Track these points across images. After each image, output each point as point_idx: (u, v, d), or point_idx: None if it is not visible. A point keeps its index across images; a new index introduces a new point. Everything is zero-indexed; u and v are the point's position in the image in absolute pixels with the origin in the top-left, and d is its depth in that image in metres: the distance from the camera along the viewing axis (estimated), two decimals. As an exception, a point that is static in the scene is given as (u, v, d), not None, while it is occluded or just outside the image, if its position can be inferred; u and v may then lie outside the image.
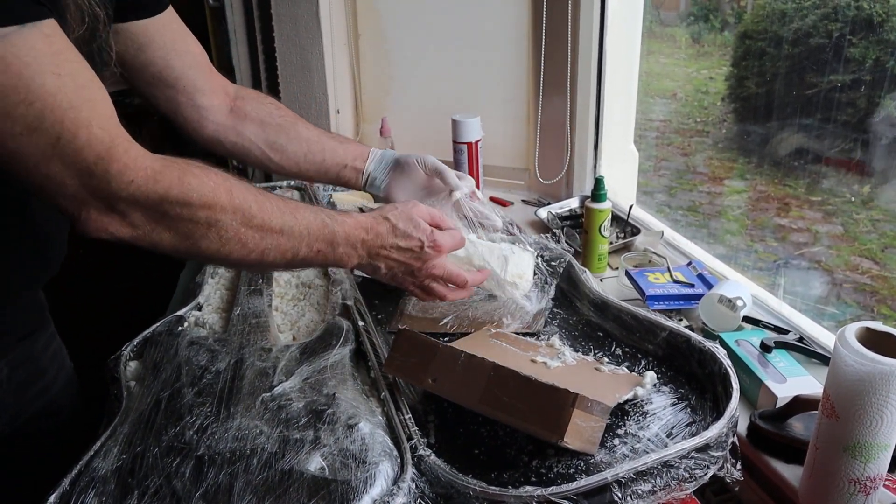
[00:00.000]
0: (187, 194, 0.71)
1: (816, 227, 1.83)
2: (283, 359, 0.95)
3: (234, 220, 0.75)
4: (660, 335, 0.98)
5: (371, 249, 0.88)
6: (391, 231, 0.89)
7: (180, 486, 0.74)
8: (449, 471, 0.74)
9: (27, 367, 0.95)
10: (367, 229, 0.87)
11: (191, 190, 0.72)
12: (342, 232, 0.84)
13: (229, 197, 0.74)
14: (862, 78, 1.40)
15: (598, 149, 1.68)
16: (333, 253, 0.84)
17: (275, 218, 0.78)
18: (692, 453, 0.77)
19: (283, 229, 0.79)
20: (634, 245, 1.48)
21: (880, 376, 0.70)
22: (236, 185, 0.76)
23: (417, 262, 0.91)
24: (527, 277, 1.07)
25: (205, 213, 0.73)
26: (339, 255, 0.85)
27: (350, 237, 0.85)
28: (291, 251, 0.80)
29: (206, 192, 0.73)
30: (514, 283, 1.05)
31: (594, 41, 1.57)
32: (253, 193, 0.77)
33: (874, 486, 0.77)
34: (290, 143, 1.10)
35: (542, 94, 1.66)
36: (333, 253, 0.84)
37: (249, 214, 0.76)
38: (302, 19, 1.79)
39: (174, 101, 1.03)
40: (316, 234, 0.82)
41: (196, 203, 0.72)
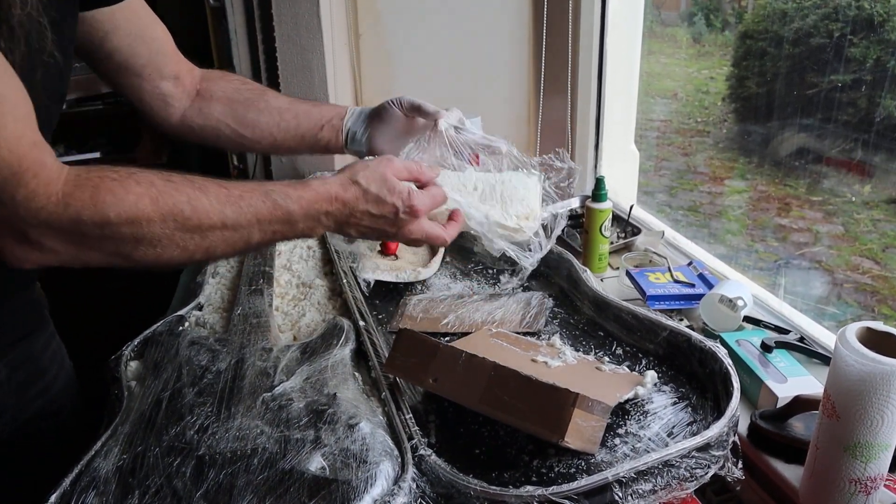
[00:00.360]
0: (104, 213, 0.66)
1: (817, 226, 1.83)
2: (284, 359, 0.95)
3: (165, 228, 0.69)
4: (660, 334, 0.98)
5: (338, 219, 0.82)
6: (361, 197, 0.82)
7: (181, 486, 0.74)
8: (450, 470, 0.74)
9: (27, 367, 0.95)
10: (330, 199, 0.80)
11: (107, 208, 0.66)
12: (299, 209, 0.78)
13: (155, 205, 0.69)
14: (863, 78, 1.40)
15: (598, 149, 1.68)
16: (293, 230, 0.79)
17: (214, 214, 0.72)
18: (693, 453, 0.77)
19: (227, 223, 0.74)
20: (635, 245, 1.48)
21: (881, 376, 0.70)
22: (164, 189, 0.70)
23: (392, 228, 0.85)
24: (534, 214, 0.96)
25: (128, 229, 0.68)
26: (301, 230, 0.80)
27: (310, 211, 0.79)
28: (242, 241, 0.76)
29: (126, 207, 0.67)
30: (519, 228, 0.94)
31: (595, 41, 1.57)
32: (186, 193, 0.71)
33: (875, 486, 0.77)
34: (260, 116, 1.04)
35: (542, 94, 1.66)
36: (293, 230, 0.79)
37: (183, 218, 0.70)
38: (302, 19, 1.79)
39: (140, 89, 0.99)
40: (267, 218, 0.77)
41: (115, 221, 0.67)
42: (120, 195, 0.67)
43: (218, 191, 0.74)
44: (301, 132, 1.06)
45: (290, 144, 1.06)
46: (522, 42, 1.69)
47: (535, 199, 0.97)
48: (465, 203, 0.93)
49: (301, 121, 1.05)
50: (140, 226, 0.68)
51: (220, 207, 0.73)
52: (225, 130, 1.04)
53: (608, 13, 1.55)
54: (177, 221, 0.70)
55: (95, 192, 0.66)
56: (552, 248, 1.24)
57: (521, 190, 0.97)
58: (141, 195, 0.68)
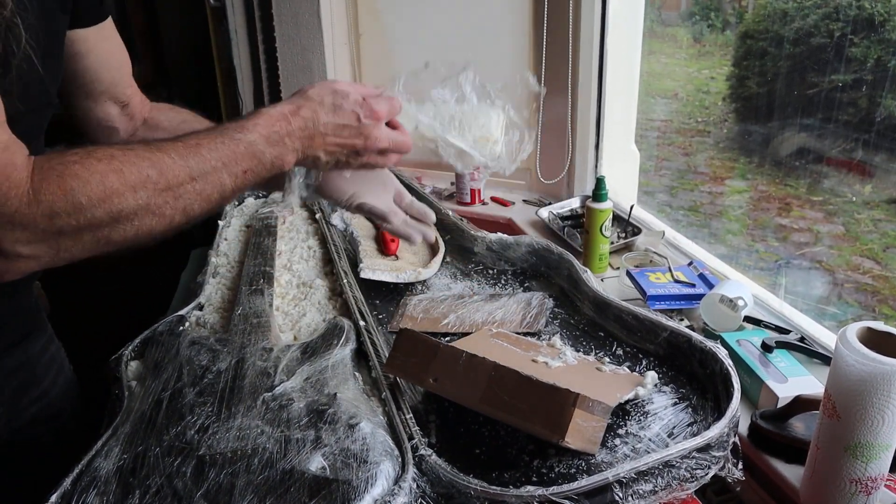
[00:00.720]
0: (75, 200, 0.64)
1: (818, 226, 1.83)
2: (284, 358, 0.95)
3: (138, 198, 0.67)
4: (661, 335, 0.98)
5: (304, 138, 0.78)
6: (318, 108, 0.78)
7: (181, 486, 0.74)
8: (450, 470, 0.74)
9: (22, 373, 0.93)
10: (286, 117, 0.76)
11: (76, 193, 0.64)
12: (259, 137, 0.74)
13: (121, 178, 0.66)
14: (863, 77, 1.40)
15: (599, 149, 1.68)
16: (262, 163, 0.75)
17: (179, 169, 0.69)
18: (693, 453, 0.77)
19: (194, 175, 0.70)
20: (635, 245, 1.48)
21: (882, 376, 0.70)
22: (125, 159, 0.67)
23: (359, 140, 0.80)
24: (493, 138, 0.97)
25: (102, 211, 0.65)
26: (270, 161, 0.75)
27: (272, 136, 0.75)
28: (216, 190, 0.72)
29: (94, 187, 0.64)
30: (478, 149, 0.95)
31: (595, 41, 1.57)
32: (147, 157, 0.68)
33: (875, 486, 0.77)
34: None
35: (543, 94, 1.66)
36: (262, 163, 0.75)
37: (151, 183, 0.68)
38: (303, 19, 1.79)
39: (89, 111, 0.98)
40: (232, 158, 0.73)
41: (87, 205, 0.64)
42: (85, 177, 0.64)
43: (175, 145, 0.71)
44: None
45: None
46: (523, 42, 1.69)
47: (495, 126, 0.98)
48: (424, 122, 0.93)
49: None
50: (112, 202, 0.65)
51: (182, 161, 0.70)
52: None
53: (609, 13, 1.55)
54: (146, 188, 0.67)
55: (61, 179, 0.64)
56: (552, 248, 1.24)
57: (482, 118, 0.97)
58: (105, 172, 0.65)
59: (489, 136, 0.96)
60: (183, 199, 0.70)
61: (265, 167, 0.76)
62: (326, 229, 1.43)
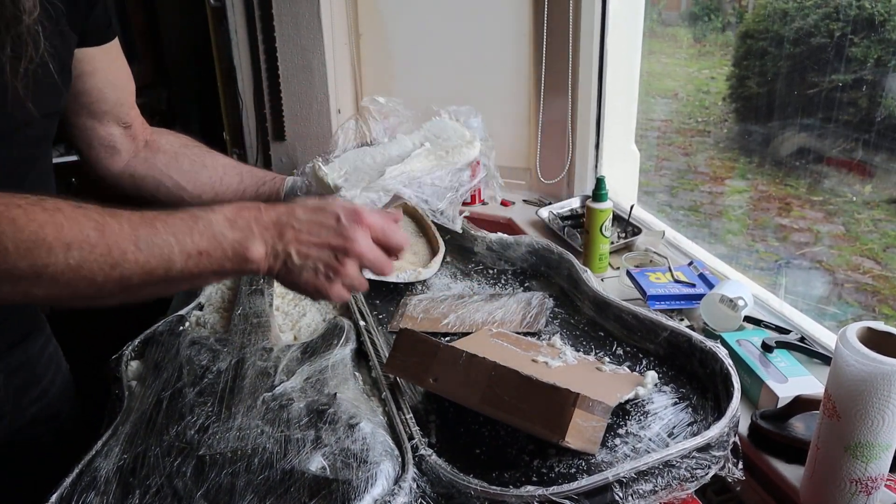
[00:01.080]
0: (1, 245, 0.59)
1: (818, 226, 1.83)
2: (285, 358, 0.95)
3: (69, 257, 0.61)
4: (661, 335, 0.98)
5: (274, 228, 0.70)
6: (298, 206, 0.72)
7: (182, 486, 0.74)
8: (450, 470, 0.74)
9: (23, 372, 0.94)
10: (259, 207, 0.71)
11: (4, 238, 0.59)
12: (222, 218, 0.68)
13: (57, 232, 0.61)
14: (863, 77, 1.40)
15: (599, 148, 1.68)
16: (221, 247, 0.67)
17: (124, 238, 0.64)
18: (693, 453, 0.77)
19: (140, 245, 0.64)
20: (636, 245, 1.48)
21: (882, 376, 0.70)
22: (71, 214, 0.63)
23: (338, 240, 0.72)
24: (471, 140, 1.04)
25: (26, 262, 0.60)
26: (231, 246, 0.68)
27: (237, 220, 0.68)
28: (163, 266, 0.65)
29: (25, 236, 0.60)
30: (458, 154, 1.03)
31: (595, 41, 1.57)
32: (94, 219, 0.63)
33: (876, 486, 0.77)
34: (203, 170, 1.03)
35: (543, 94, 1.66)
36: (221, 247, 0.67)
37: (89, 245, 0.62)
38: (303, 19, 1.79)
39: (92, 132, 0.97)
40: (186, 233, 0.66)
41: (13, 252, 0.60)
42: (21, 224, 0.60)
43: (131, 215, 0.66)
44: (243, 187, 1.05)
45: (231, 199, 1.02)
46: (523, 42, 1.69)
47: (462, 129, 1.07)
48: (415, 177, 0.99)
49: (244, 177, 1.06)
50: (39, 256, 0.61)
51: (130, 230, 0.64)
52: (167, 182, 1.03)
53: (609, 13, 1.55)
54: (81, 249, 0.62)
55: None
56: (552, 247, 1.25)
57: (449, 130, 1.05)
58: (44, 223, 0.61)
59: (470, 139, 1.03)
60: (121, 268, 0.64)
61: (225, 252, 0.68)
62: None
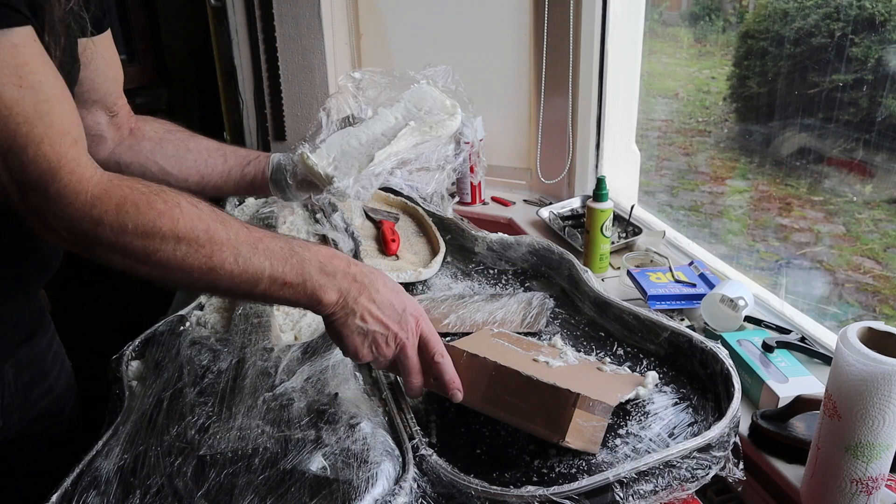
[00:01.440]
0: (122, 223, 0.68)
1: (818, 226, 1.82)
2: (285, 358, 0.95)
3: (177, 250, 0.70)
4: (661, 335, 0.98)
5: (353, 285, 0.77)
6: (378, 277, 0.80)
7: (182, 486, 0.74)
8: (451, 470, 0.75)
9: (31, 368, 0.96)
10: (349, 262, 0.78)
11: (126, 218, 0.68)
12: (314, 260, 0.76)
13: (173, 225, 0.69)
14: (864, 77, 1.40)
15: (599, 148, 1.68)
16: (304, 285, 0.75)
17: (228, 248, 0.71)
18: (694, 453, 0.77)
19: (238, 259, 0.72)
20: (636, 245, 1.48)
21: (882, 376, 0.70)
22: (187, 212, 0.71)
23: (397, 327, 0.79)
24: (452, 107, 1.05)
25: (141, 243, 0.68)
26: (312, 288, 0.75)
27: (327, 266, 0.76)
28: (249, 283, 0.73)
29: (145, 222, 0.68)
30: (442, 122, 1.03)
31: (596, 41, 1.57)
32: (207, 222, 0.71)
33: (876, 486, 0.77)
34: (188, 154, 1.04)
35: (543, 94, 1.66)
36: (304, 285, 0.75)
37: (197, 245, 0.70)
38: (304, 19, 1.79)
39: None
40: (281, 262, 0.74)
41: (131, 231, 0.68)
42: (143, 209, 0.68)
43: (239, 228, 0.73)
44: (228, 168, 1.06)
45: (217, 182, 1.06)
46: (524, 42, 1.69)
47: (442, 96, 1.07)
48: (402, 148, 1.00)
49: (228, 158, 1.06)
50: (153, 242, 0.69)
51: (235, 243, 0.72)
52: (152, 168, 1.04)
53: (609, 13, 1.55)
54: (190, 246, 0.70)
55: (122, 201, 0.68)
56: (553, 248, 1.25)
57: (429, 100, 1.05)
58: (162, 213, 0.69)
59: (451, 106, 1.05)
60: (216, 273, 0.72)
61: (305, 290, 0.75)
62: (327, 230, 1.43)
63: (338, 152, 1.03)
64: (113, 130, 1.02)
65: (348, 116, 1.09)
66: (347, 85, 1.07)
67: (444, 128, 1.04)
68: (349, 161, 1.02)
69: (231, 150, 1.07)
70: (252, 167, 1.07)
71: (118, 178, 0.70)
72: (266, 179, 1.06)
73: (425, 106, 1.05)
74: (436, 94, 1.07)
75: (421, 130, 1.03)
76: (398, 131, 1.03)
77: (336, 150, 1.03)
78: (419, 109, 1.06)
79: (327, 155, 1.03)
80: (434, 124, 1.04)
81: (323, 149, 1.03)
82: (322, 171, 1.01)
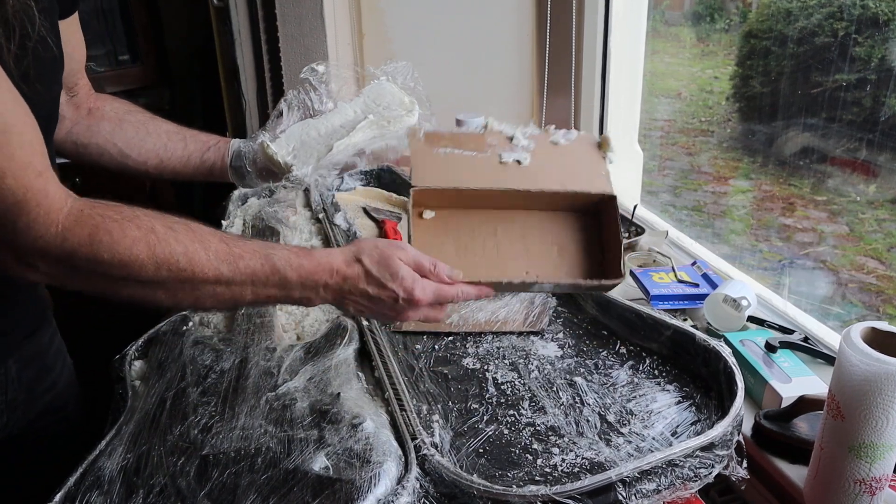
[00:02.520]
0: (97, 254, 0.67)
1: (822, 226, 1.82)
2: (288, 358, 0.95)
3: (158, 275, 0.69)
4: (664, 333, 0.98)
5: (336, 294, 0.79)
6: (363, 276, 0.79)
7: (185, 486, 0.74)
8: (453, 470, 0.74)
9: (35, 363, 0.96)
10: (331, 272, 0.78)
11: (101, 248, 0.67)
12: (297, 278, 0.76)
13: (150, 252, 0.68)
14: (868, 77, 1.40)
15: (602, 148, 1.68)
16: (288, 296, 0.77)
17: (209, 269, 0.71)
18: (697, 452, 0.77)
19: (221, 279, 0.72)
20: (639, 245, 1.48)
21: (886, 376, 0.70)
22: (163, 237, 0.70)
23: (390, 312, 0.81)
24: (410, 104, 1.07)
25: (119, 272, 0.68)
26: (297, 298, 0.78)
27: (308, 281, 0.77)
28: (233, 299, 0.75)
29: (120, 251, 0.67)
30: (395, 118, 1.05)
31: (598, 41, 1.57)
32: (184, 244, 0.71)
33: (880, 486, 0.76)
34: (148, 137, 1.04)
35: (546, 94, 1.66)
36: (288, 296, 0.77)
37: (177, 268, 0.70)
38: (306, 19, 1.79)
39: None
40: (262, 281, 0.75)
41: (107, 261, 0.67)
42: (117, 237, 0.67)
43: (218, 246, 0.73)
44: (188, 153, 1.06)
45: (176, 166, 1.06)
46: (526, 42, 1.69)
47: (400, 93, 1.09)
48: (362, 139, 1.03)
49: (188, 143, 1.06)
50: (131, 269, 0.68)
51: (216, 264, 0.72)
52: (111, 150, 1.03)
53: (612, 12, 1.55)
54: (170, 271, 0.70)
55: (94, 231, 0.67)
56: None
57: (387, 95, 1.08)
58: (137, 240, 0.68)
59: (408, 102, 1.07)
60: (199, 292, 0.72)
61: (289, 300, 0.78)
62: (330, 229, 1.43)
63: (297, 142, 1.06)
64: (71, 110, 1.01)
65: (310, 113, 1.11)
66: (309, 78, 1.09)
67: (401, 123, 1.07)
68: (308, 151, 1.05)
69: (191, 134, 1.07)
70: (212, 153, 1.07)
71: (89, 207, 0.68)
72: (226, 166, 1.06)
73: (384, 101, 1.08)
74: (395, 90, 1.10)
75: (379, 125, 1.06)
76: (357, 124, 1.06)
77: (296, 140, 1.06)
78: (378, 104, 1.09)
79: (287, 144, 1.06)
80: (392, 119, 1.07)
81: (283, 139, 1.06)
82: (282, 160, 1.03)
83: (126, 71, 2.31)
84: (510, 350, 1.03)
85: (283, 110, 1.09)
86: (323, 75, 1.10)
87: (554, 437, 0.84)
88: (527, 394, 0.92)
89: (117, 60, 2.31)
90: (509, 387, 0.94)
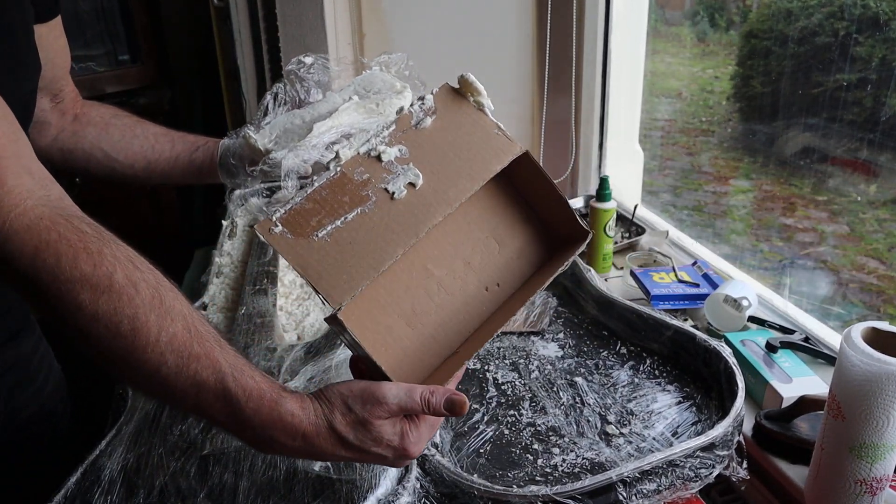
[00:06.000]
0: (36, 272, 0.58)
1: (822, 226, 1.82)
2: (288, 358, 0.95)
3: (89, 327, 0.59)
4: (665, 333, 0.98)
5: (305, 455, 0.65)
6: (338, 445, 0.62)
7: (186, 486, 0.74)
8: (454, 470, 0.74)
9: (16, 371, 0.92)
10: (294, 435, 0.61)
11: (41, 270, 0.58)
12: (251, 416, 0.61)
13: (92, 299, 0.58)
14: (868, 77, 1.40)
15: (602, 148, 1.68)
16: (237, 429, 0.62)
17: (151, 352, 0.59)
18: (697, 452, 0.77)
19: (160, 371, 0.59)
20: (639, 245, 1.48)
21: (886, 377, 0.70)
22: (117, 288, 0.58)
23: (381, 464, 0.70)
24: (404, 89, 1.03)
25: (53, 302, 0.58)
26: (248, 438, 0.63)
27: (262, 434, 0.62)
28: (165, 395, 0.62)
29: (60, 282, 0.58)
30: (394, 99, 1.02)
31: (599, 40, 1.57)
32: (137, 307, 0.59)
33: (881, 486, 0.76)
34: (135, 140, 1.01)
35: (546, 94, 1.66)
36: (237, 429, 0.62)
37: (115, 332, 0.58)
38: (307, 19, 1.79)
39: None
40: (208, 401, 0.60)
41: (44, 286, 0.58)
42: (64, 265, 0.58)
43: (176, 331, 0.60)
44: (176, 153, 1.03)
45: (164, 168, 1.02)
46: (526, 42, 1.69)
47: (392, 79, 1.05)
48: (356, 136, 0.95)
49: (176, 144, 1.04)
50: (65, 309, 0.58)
51: (162, 349, 0.59)
52: (97, 155, 1.01)
53: (612, 12, 1.55)
54: (107, 330, 0.58)
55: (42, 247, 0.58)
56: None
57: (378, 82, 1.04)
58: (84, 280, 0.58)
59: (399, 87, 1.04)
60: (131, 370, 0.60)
61: (237, 433, 0.63)
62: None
63: (280, 130, 1.04)
64: (56, 116, 0.99)
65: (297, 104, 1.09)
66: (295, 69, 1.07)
67: (391, 105, 1.03)
68: (290, 136, 1.03)
69: (179, 135, 1.05)
70: (200, 153, 1.04)
71: (52, 220, 0.59)
72: (215, 165, 1.03)
73: (374, 88, 1.05)
74: (386, 77, 1.06)
75: (367, 108, 1.02)
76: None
77: (279, 129, 1.05)
78: (368, 91, 1.06)
79: (270, 133, 1.03)
80: (380, 101, 1.03)
81: (266, 129, 1.04)
82: (261, 146, 1.01)
83: (126, 71, 2.31)
84: (510, 350, 1.03)
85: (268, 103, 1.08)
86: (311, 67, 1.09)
87: (554, 438, 0.84)
88: (527, 394, 0.92)
89: (117, 60, 2.31)
90: (510, 387, 0.94)
